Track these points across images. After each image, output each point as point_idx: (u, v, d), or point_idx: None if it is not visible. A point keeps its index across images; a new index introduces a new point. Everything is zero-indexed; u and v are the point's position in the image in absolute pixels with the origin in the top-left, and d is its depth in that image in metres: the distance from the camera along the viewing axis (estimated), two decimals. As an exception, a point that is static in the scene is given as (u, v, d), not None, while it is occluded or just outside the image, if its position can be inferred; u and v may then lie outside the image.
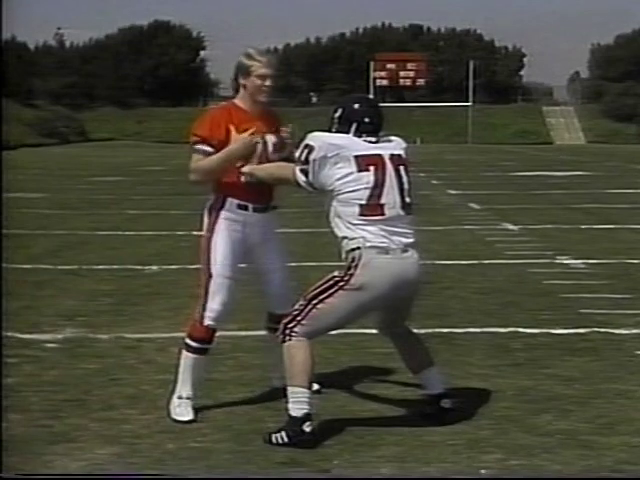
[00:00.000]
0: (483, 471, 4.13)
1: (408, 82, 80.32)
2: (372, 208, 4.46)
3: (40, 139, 62.82)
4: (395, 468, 4.16)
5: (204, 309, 4.85)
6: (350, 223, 4.48)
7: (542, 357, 6.13)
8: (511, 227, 13.73)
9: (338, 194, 4.48)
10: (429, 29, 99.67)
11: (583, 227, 13.75)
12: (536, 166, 33.40)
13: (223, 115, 4.90)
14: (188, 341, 4.91)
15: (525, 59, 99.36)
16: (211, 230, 4.89)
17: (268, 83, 4.85)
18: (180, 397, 4.89)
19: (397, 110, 69.37)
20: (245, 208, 4.88)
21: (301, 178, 4.55)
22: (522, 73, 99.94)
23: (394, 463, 4.22)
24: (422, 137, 68.67)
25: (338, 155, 4.45)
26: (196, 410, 4.88)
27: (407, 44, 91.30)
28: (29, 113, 68.70)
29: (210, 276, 4.84)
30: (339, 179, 4.46)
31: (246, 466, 4.19)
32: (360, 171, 4.46)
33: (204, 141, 4.84)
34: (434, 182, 23.97)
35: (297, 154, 4.56)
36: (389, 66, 79.76)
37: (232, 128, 4.83)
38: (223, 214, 4.88)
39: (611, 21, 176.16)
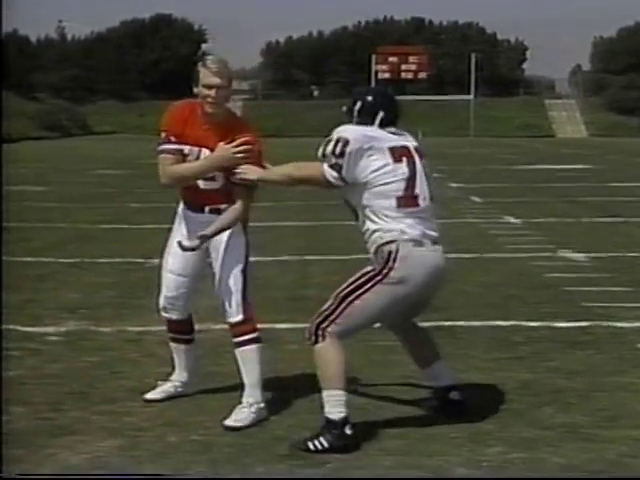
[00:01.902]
0: (485, 464, 4.13)
1: (410, 75, 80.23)
2: (408, 200, 4.41)
3: (42, 132, 62.77)
4: (397, 461, 4.16)
5: None
6: (385, 216, 4.38)
7: (544, 350, 6.13)
8: (513, 220, 13.72)
9: (373, 187, 4.37)
10: (431, 22, 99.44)
11: (585, 220, 13.74)
12: (538, 159, 33.34)
13: (184, 112, 4.75)
14: None
15: (527, 52, 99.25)
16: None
17: (213, 94, 4.55)
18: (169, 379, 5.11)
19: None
20: (182, 203, 4.97)
21: (332, 174, 4.38)
22: (524, 66, 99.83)
23: (396, 456, 4.22)
24: (424, 130, 68.34)
25: (373, 147, 4.36)
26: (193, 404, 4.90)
27: (409, 37, 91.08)
28: (31, 106, 68.65)
29: None
30: (374, 171, 4.35)
31: (247, 459, 4.19)
32: (395, 162, 4.39)
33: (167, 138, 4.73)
34: (435, 175, 23.89)
35: (327, 149, 4.37)
36: (391, 59, 79.67)
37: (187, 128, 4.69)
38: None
39: (613, 14, 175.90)
